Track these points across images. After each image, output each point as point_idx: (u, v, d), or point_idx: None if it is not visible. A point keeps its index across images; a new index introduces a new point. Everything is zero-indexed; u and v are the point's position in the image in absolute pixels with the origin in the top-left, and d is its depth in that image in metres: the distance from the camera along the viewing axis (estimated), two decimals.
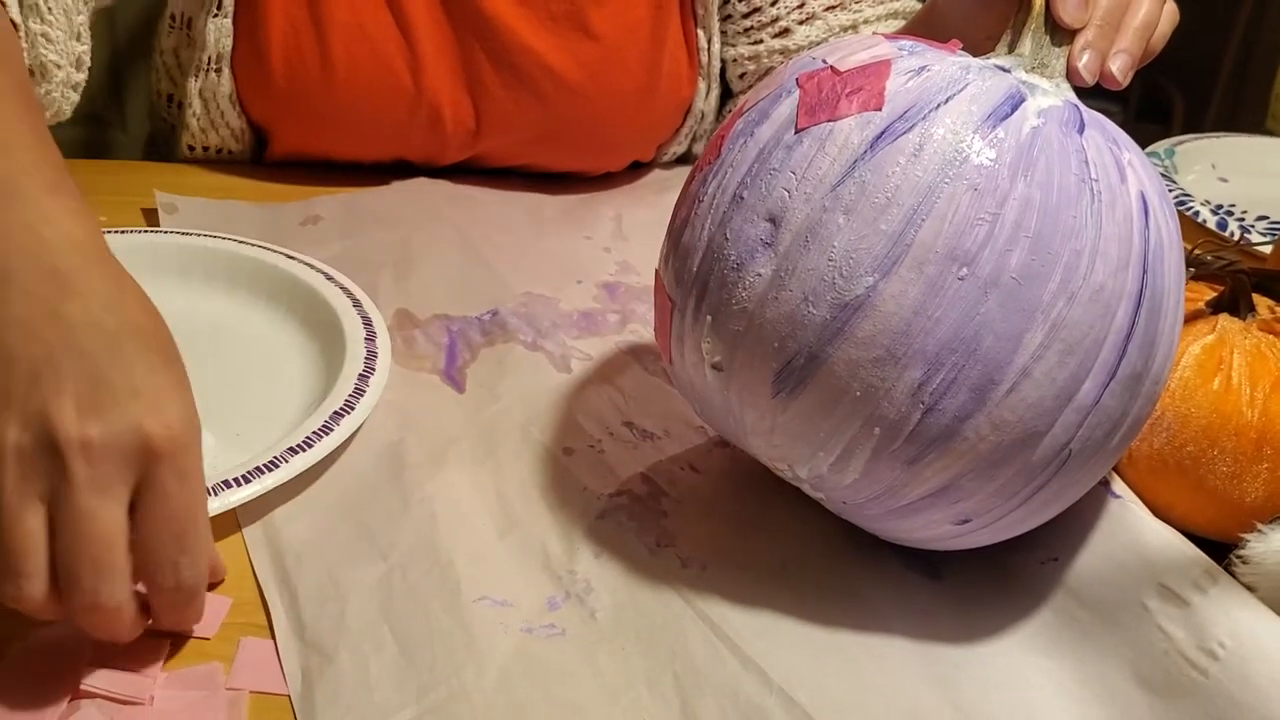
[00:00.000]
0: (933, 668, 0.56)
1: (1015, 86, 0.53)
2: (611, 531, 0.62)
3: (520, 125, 0.94)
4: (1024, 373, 0.50)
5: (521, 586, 0.58)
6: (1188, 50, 0.70)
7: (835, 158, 0.52)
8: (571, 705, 0.52)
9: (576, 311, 0.81)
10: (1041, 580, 0.60)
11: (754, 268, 0.53)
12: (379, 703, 0.51)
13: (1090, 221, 0.51)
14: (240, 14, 0.87)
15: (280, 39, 0.87)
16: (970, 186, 0.50)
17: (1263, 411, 0.60)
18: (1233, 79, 2.10)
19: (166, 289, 0.77)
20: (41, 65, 0.73)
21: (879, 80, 0.53)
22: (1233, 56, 2.09)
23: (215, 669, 0.52)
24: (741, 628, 0.57)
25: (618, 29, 0.91)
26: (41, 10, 0.72)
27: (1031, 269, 0.50)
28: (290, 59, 0.87)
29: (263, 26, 0.87)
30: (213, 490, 0.58)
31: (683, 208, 0.58)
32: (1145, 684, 0.54)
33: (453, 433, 0.68)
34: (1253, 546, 0.56)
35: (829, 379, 0.51)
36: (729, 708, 0.53)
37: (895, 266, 0.50)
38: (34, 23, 0.71)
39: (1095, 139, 0.53)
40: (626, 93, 0.94)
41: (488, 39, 0.90)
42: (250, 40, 0.88)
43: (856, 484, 0.54)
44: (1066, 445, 0.52)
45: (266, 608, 0.56)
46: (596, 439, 0.69)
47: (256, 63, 0.88)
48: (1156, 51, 0.60)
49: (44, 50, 0.72)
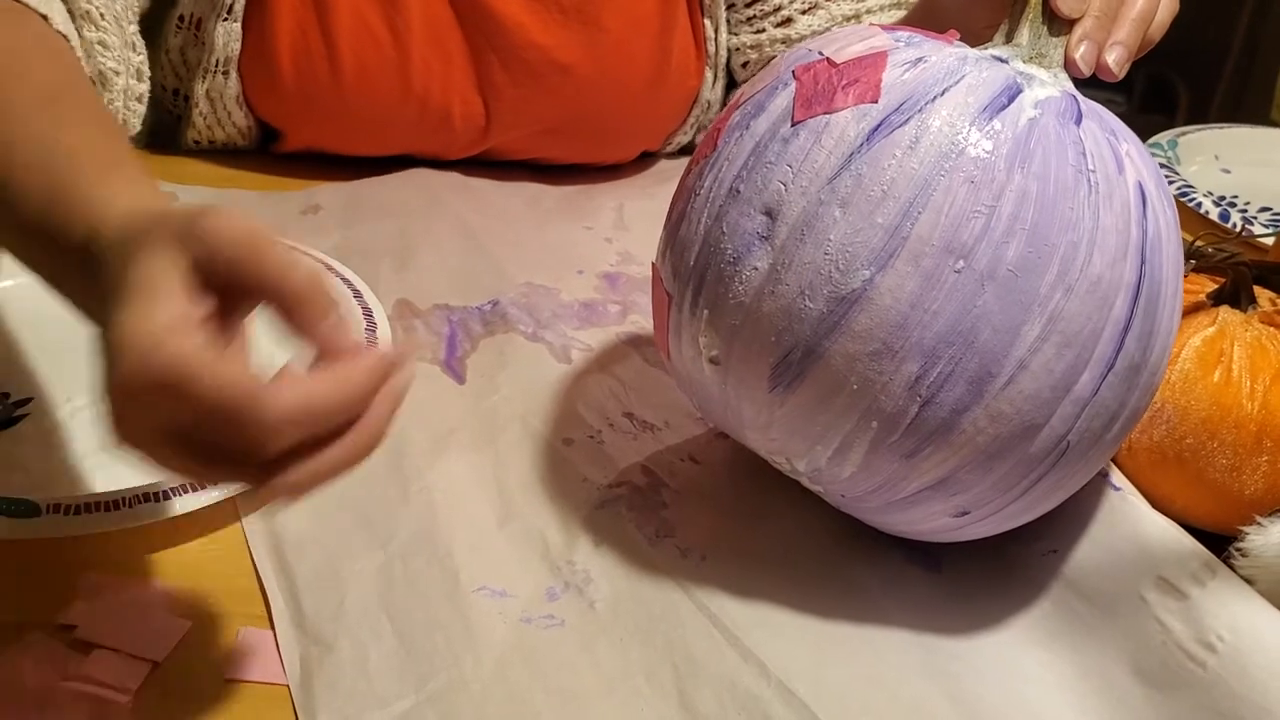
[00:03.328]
0: (931, 659, 0.56)
1: (1012, 77, 0.53)
2: (611, 522, 0.62)
3: (530, 121, 0.94)
4: (1021, 365, 0.50)
5: (520, 576, 0.58)
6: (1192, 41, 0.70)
7: (831, 150, 0.51)
8: (570, 695, 0.52)
9: (577, 302, 0.81)
10: (1040, 572, 0.60)
11: (750, 261, 0.53)
12: (378, 692, 0.52)
13: (1087, 213, 0.50)
14: (249, 17, 0.87)
15: (288, 42, 0.87)
16: (967, 179, 0.50)
17: (1263, 404, 0.60)
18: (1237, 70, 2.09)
19: None
20: (101, 74, 0.73)
21: (875, 72, 0.53)
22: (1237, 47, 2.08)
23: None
24: (740, 618, 0.57)
25: (626, 22, 0.91)
26: (95, 18, 0.72)
27: (1028, 261, 0.50)
28: (298, 62, 0.87)
29: (271, 30, 0.87)
30: None
31: (679, 201, 0.58)
32: (1143, 676, 0.54)
33: (453, 423, 0.68)
34: (1252, 539, 0.56)
35: (826, 372, 0.51)
36: (727, 698, 0.53)
37: (892, 259, 0.50)
38: (89, 31, 0.71)
39: (1092, 130, 0.53)
40: (635, 85, 0.94)
41: (496, 37, 0.89)
42: (258, 43, 0.87)
43: (854, 477, 0.54)
44: (1064, 437, 0.52)
45: (265, 597, 0.56)
46: (596, 429, 0.69)
47: (264, 66, 0.88)
48: (1155, 42, 0.60)
49: (102, 58, 0.72)
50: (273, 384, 0.42)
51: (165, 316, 0.42)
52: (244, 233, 0.44)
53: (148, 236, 0.44)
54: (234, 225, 0.44)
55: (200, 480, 0.52)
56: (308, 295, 0.44)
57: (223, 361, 0.42)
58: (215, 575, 0.57)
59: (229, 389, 0.41)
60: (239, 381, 0.42)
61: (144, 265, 0.43)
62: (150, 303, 0.42)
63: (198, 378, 0.41)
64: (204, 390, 0.41)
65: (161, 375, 0.41)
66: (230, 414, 0.42)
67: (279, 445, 0.43)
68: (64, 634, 0.53)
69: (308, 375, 0.44)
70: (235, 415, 0.41)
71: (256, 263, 0.44)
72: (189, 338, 0.42)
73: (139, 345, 0.42)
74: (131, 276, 0.43)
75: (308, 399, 0.43)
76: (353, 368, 0.44)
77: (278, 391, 0.42)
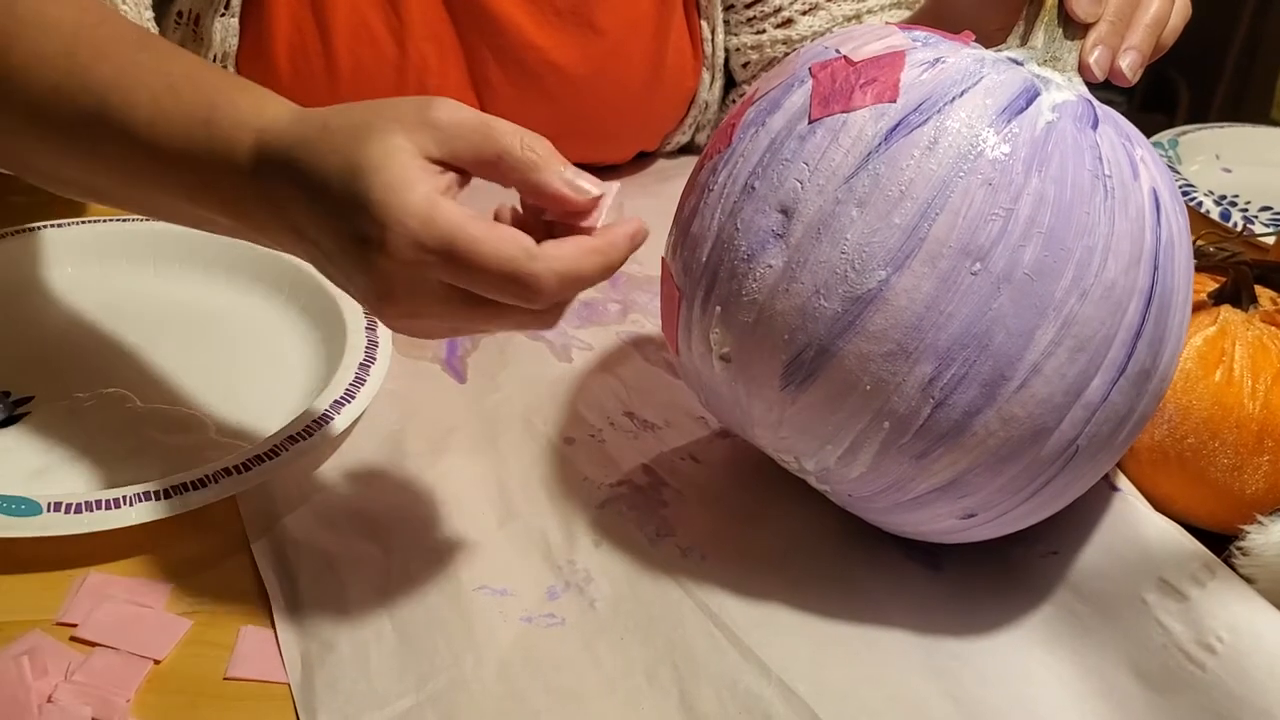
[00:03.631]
0: (932, 659, 0.56)
1: (1030, 80, 0.53)
2: (612, 521, 0.62)
3: (525, 121, 0.93)
4: (1034, 369, 0.50)
5: (521, 576, 0.58)
6: (1193, 40, 0.70)
7: (849, 149, 0.51)
8: (570, 695, 0.52)
9: (577, 301, 0.80)
10: (1041, 573, 0.60)
11: (765, 259, 0.52)
12: (378, 691, 0.51)
13: (1103, 218, 0.50)
14: (246, 13, 0.87)
15: (285, 38, 0.87)
16: (985, 181, 0.50)
17: (1264, 404, 0.60)
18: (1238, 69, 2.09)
19: (168, 277, 0.77)
20: None
21: (894, 72, 0.53)
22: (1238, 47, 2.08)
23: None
24: (741, 618, 0.57)
25: (622, 23, 0.91)
26: (117, 2, 0.73)
27: (1044, 265, 0.50)
28: (295, 59, 0.87)
29: (268, 26, 0.87)
30: (213, 478, 0.58)
31: (691, 196, 0.58)
32: (1143, 678, 0.54)
33: (453, 422, 0.68)
34: (1253, 538, 0.56)
35: (839, 372, 0.51)
36: (728, 698, 0.53)
37: (908, 260, 0.50)
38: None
39: (1109, 134, 0.53)
40: (631, 86, 0.93)
41: (492, 37, 0.89)
42: (255, 40, 0.87)
43: (864, 477, 0.54)
44: (1074, 441, 0.52)
45: (266, 596, 0.56)
46: (597, 429, 0.69)
47: (261, 62, 0.88)
48: (1167, 47, 0.60)
49: None
50: (548, 246, 0.47)
51: (429, 187, 0.46)
52: (476, 116, 0.49)
53: (371, 127, 0.48)
54: (463, 111, 0.49)
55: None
56: (543, 161, 0.49)
57: (497, 226, 0.47)
58: (215, 574, 0.57)
59: (508, 248, 0.46)
60: (517, 241, 0.46)
61: (382, 148, 0.47)
62: (409, 175, 0.46)
63: (481, 239, 0.46)
64: (486, 250, 0.46)
65: (445, 239, 0.45)
66: (510, 274, 0.46)
67: (550, 300, 0.47)
68: (64, 633, 0.53)
69: (576, 239, 0.48)
70: (514, 275, 0.46)
71: (495, 140, 0.48)
72: (457, 205, 0.47)
73: (417, 213, 0.46)
74: (373, 154, 0.47)
75: (577, 262, 0.47)
76: (616, 234, 0.50)
77: (553, 254, 0.47)
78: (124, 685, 0.51)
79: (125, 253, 0.78)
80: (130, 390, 0.68)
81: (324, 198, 0.48)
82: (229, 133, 0.51)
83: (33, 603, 0.55)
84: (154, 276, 0.77)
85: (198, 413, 0.67)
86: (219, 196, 0.53)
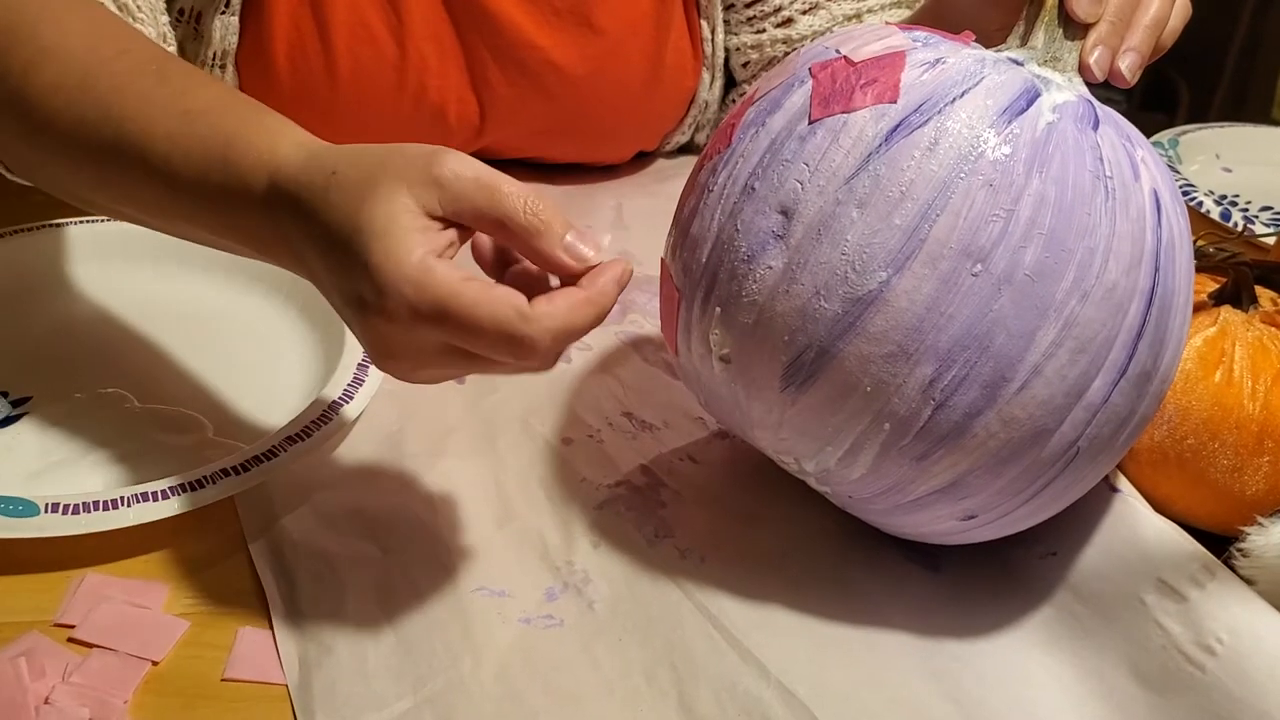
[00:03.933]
0: (931, 661, 0.56)
1: (1030, 81, 0.53)
2: (610, 522, 0.62)
3: (524, 120, 0.94)
4: (1035, 370, 0.50)
5: (520, 577, 0.58)
6: (1193, 40, 0.70)
7: (849, 150, 0.51)
8: (569, 696, 0.52)
9: None
10: (1041, 575, 0.60)
11: (765, 260, 0.52)
12: (377, 693, 0.51)
13: (1104, 219, 0.50)
14: (246, 12, 0.87)
15: (284, 37, 0.87)
16: (986, 182, 0.50)
17: (1264, 404, 0.60)
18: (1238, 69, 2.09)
19: (166, 277, 0.77)
20: None
21: (894, 72, 0.52)
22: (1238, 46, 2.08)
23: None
24: (740, 619, 0.57)
25: (621, 22, 0.91)
26: (132, 10, 0.73)
27: (1045, 266, 0.50)
28: (294, 57, 0.87)
29: (267, 25, 0.87)
30: (211, 478, 0.58)
31: (691, 197, 0.58)
32: (1143, 680, 0.54)
33: (451, 423, 0.68)
34: (1253, 540, 0.56)
35: (839, 374, 0.51)
36: (726, 699, 0.53)
37: (909, 262, 0.50)
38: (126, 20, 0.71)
39: (1109, 135, 0.53)
40: (631, 86, 0.93)
41: (491, 36, 0.89)
42: (255, 38, 0.87)
43: (864, 479, 0.54)
44: (1075, 443, 0.52)
45: (265, 598, 0.56)
46: (595, 430, 0.68)
47: (261, 61, 0.88)
48: (1167, 48, 0.60)
49: None
50: (539, 304, 0.48)
51: (426, 249, 0.47)
52: (482, 176, 0.49)
53: (377, 181, 0.48)
54: (469, 169, 0.49)
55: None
56: (545, 227, 0.49)
57: (490, 287, 0.48)
58: (214, 575, 0.57)
59: (502, 311, 0.47)
60: (510, 303, 0.47)
61: (385, 205, 0.48)
62: (408, 237, 0.47)
63: (475, 303, 0.47)
64: (481, 314, 0.47)
65: (439, 304, 0.46)
66: (504, 334, 0.47)
67: (545, 354, 0.48)
68: (61, 634, 0.53)
69: (566, 293, 0.49)
70: (509, 335, 0.47)
71: (498, 203, 0.49)
72: (454, 267, 0.48)
73: (411, 278, 0.47)
74: (376, 216, 0.47)
75: (569, 318, 0.48)
76: (604, 282, 0.50)
77: (545, 312, 0.48)
78: (122, 686, 0.51)
79: (124, 253, 0.78)
80: (129, 390, 0.68)
81: (329, 250, 0.49)
82: (244, 172, 0.52)
83: (30, 604, 0.55)
84: (153, 276, 0.77)
85: (196, 413, 0.67)
86: (238, 232, 0.54)
